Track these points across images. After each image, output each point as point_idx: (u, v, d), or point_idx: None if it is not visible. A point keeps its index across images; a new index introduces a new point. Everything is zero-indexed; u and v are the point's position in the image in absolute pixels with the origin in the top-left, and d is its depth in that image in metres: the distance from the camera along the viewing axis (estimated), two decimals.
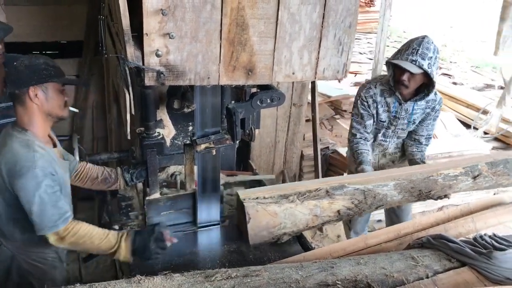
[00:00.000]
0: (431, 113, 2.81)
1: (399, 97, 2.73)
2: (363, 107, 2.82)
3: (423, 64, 2.49)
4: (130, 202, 2.63)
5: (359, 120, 2.86)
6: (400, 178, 2.16)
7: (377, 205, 2.10)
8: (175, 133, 2.64)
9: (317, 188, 1.99)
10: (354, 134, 2.89)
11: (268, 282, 1.48)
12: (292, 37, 1.64)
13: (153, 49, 1.52)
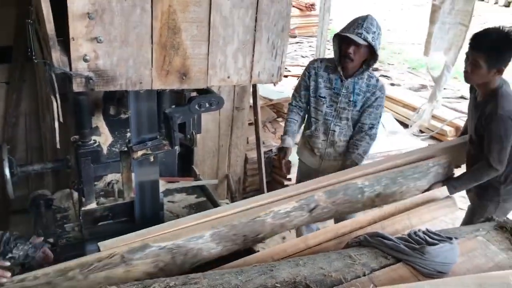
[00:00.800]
0: (371, 99, 2.87)
1: (341, 74, 2.85)
2: (303, 77, 3.01)
3: (367, 37, 2.64)
4: (65, 213, 2.54)
5: (297, 89, 3.08)
6: (219, 226, 1.87)
7: (191, 262, 1.81)
8: (112, 140, 2.57)
9: (110, 254, 1.65)
10: (290, 102, 3.12)
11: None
12: (226, 41, 1.63)
13: (80, 54, 1.46)
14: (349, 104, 2.87)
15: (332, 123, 2.93)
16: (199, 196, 2.72)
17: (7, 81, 3.59)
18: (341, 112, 2.90)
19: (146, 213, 2.24)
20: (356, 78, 2.83)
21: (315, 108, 2.97)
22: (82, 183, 2.21)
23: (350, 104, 2.87)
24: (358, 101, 2.87)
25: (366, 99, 2.87)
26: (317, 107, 2.95)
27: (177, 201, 2.67)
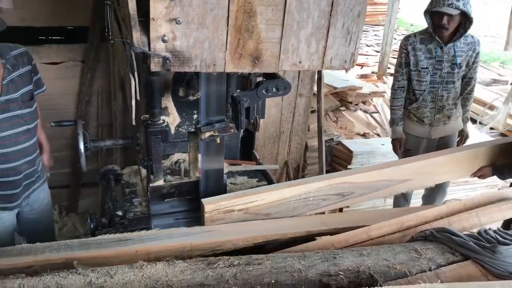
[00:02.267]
0: (473, 55, 3.20)
1: (439, 41, 3.10)
2: (401, 55, 3.24)
3: (459, 5, 2.88)
4: (133, 188, 2.63)
5: (398, 69, 3.30)
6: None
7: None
8: (180, 120, 2.63)
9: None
10: (393, 83, 3.35)
11: (271, 271, 1.48)
12: (300, 25, 1.62)
13: (159, 34, 1.50)
14: (453, 67, 3.14)
15: (439, 89, 3.21)
16: (260, 180, 2.75)
17: (82, 60, 3.79)
18: (446, 76, 3.17)
19: (210, 192, 2.29)
20: (454, 42, 3.08)
21: (418, 80, 3.22)
22: (151, 160, 2.28)
23: (455, 66, 3.13)
24: (462, 61, 3.15)
25: (469, 57, 3.17)
26: (420, 79, 3.21)
27: (239, 183, 2.70)
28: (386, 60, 7.30)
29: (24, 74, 2.35)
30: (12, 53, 2.30)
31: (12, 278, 1.39)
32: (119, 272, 1.45)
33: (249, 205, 2.00)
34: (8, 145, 2.32)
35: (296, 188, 2.08)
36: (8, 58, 2.27)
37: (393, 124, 3.42)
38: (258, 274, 1.46)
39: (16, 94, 2.30)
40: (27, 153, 2.43)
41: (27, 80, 2.37)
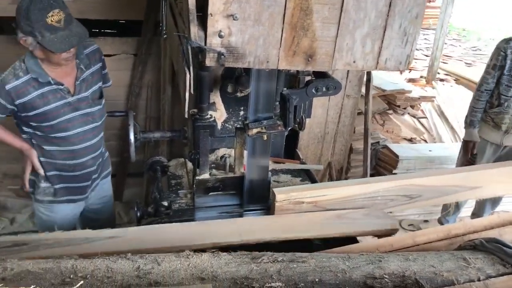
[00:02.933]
0: None
1: None
2: (497, 58, 3.19)
3: None
4: (179, 180, 2.69)
5: (490, 71, 3.25)
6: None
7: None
8: (227, 116, 2.67)
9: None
10: (481, 84, 3.31)
11: (315, 269, 1.48)
12: (356, 25, 1.61)
13: (216, 29, 1.53)
14: None
15: None
16: (304, 180, 2.74)
17: (135, 53, 3.89)
18: None
19: (254, 189, 2.31)
20: None
21: (508, 86, 3.19)
22: (198, 154, 2.32)
23: None
24: None
25: None
26: (510, 84, 3.18)
27: (282, 181, 2.71)
28: (436, 65, 7.12)
29: (95, 72, 2.42)
30: (86, 52, 2.36)
31: (66, 259, 1.45)
32: (166, 260, 1.49)
33: (318, 199, 2.07)
34: (76, 143, 2.41)
35: (365, 186, 2.14)
36: (82, 58, 2.32)
37: (471, 126, 3.40)
38: (302, 271, 1.47)
39: (87, 92, 2.37)
40: (94, 149, 2.53)
41: (97, 77, 2.44)
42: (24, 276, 1.37)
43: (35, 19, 1.95)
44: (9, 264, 1.40)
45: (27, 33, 2.00)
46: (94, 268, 1.42)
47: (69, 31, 2.04)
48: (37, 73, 2.15)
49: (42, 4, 1.96)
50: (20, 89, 2.13)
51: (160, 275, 1.42)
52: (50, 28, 1.98)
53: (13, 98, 2.15)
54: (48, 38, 1.99)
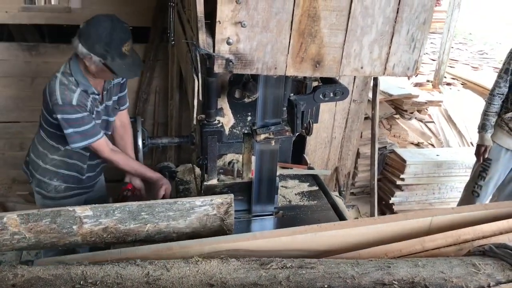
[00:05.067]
0: None
1: None
2: (509, 62, 3.21)
3: None
4: (187, 186, 2.70)
5: (502, 75, 3.27)
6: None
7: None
8: (234, 122, 2.67)
9: None
10: (493, 88, 3.33)
11: (324, 275, 1.48)
12: (364, 31, 1.61)
13: (224, 36, 1.54)
14: None
15: None
16: (312, 185, 2.75)
17: (143, 59, 3.92)
18: None
19: (262, 194, 2.32)
20: None
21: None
22: (206, 159, 2.33)
23: None
24: None
25: None
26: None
27: (290, 187, 2.72)
28: (442, 69, 7.10)
29: (116, 84, 2.60)
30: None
31: (76, 265, 1.46)
32: (175, 266, 1.49)
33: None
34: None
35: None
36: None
37: (483, 130, 3.41)
38: (311, 278, 1.47)
39: (110, 102, 2.56)
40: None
41: (117, 90, 2.63)
42: (35, 283, 1.38)
43: (115, 46, 2.18)
44: (20, 271, 1.42)
45: (97, 54, 2.19)
46: (104, 275, 1.43)
47: (133, 60, 2.29)
48: (84, 85, 2.32)
49: (122, 34, 2.23)
50: (81, 99, 2.30)
51: (170, 281, 1.43)
52: (122, 55, 2.21)
53: (85, 106, 2.31)
54: (117, 64, 2.21)
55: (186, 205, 1.85)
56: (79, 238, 1.79)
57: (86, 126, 2.33)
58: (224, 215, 1.91)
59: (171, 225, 1.85)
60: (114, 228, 1.79)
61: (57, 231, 1.78)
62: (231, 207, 1.91)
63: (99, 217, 1.76)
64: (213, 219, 1.90)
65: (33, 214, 1.74)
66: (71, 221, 1.76)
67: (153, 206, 1.81)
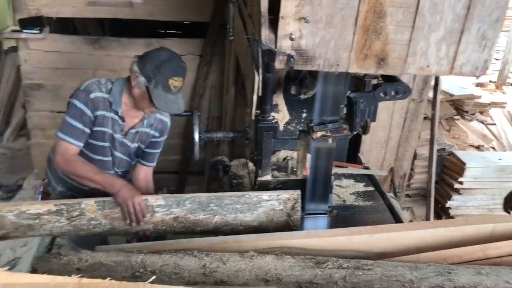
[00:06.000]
0: None
1: None
2: None
3: None
4: (241, 180, 2.72)
5: None
6: None
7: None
8: (289, 118, 2.66)
9: None
10: None
11: (381, 278, 1.45)
12: (431, 28, 1.56)
13: (287, 32, 1.53)
14: None
15: None
16: (367, 185, 2.70)
17: (200, 54, 3.97)
18: None
19: (316, 192, 2.30)
20: None
21: None
22: (260, 155, 2.34)
23: None
24: None
25: None
26: None
27: (345, 186, 2.68)
28: (507, 69, 6.75)
29: (150, 135, 2.42)
30: (158, 116, 2.40)
31: (136, 253, 1.50)
32: (231, 259, 1.51)
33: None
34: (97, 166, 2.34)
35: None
36: (152, 116, 2.36)
37: None
38: (368, 279, 1.44)
39: (132, 144, 2.38)
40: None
41: (146, 140, 2.44)
42: (97, 268, 1.44)
43: (163, 73, 2.09)
44: (84, 256, 1.48)
45: (144, 75, 2.11)
46: (162, 264, 1.47)
47: (176, 98, 2.17)
48: (114, 100, 2.22)
49: (176, 67, 2.12)
50: (98, 102, 2.19)
51: (226, 274, 1.44)
52: (166, 87, 2.11)
53: (95, 107, 2.20)
54: (158, 93, 2.10)
55: (254, 198, 1.88)
56: (151, 226, 1.87)
57: (75, 123, 2.17)
58: (290, 210, 1.92)
59: (238, 218, 1.89)
60: (184, 218, 1.85)
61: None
62: (297, 203, 1.92)
63: (170, 206, 1.83)
64: (280, 214, 1.92)
65: (109, 201, 1.83)
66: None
67: (221, 198, 1.85)
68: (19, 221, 1.81)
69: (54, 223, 1.84)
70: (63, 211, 1.84)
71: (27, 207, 1.83)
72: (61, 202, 1.85)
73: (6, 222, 1.81)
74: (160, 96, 2.10)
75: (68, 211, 1.84)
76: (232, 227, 1.90)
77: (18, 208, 1.81)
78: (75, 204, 1.83)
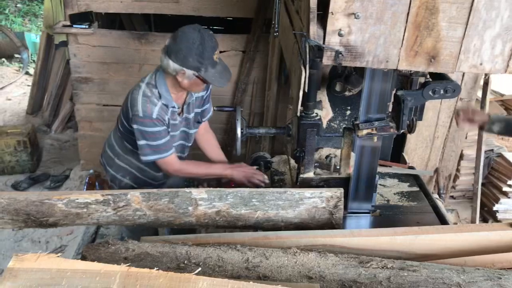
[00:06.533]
0: None
1: None
2: None
3: None
4: (282, 177, 2.72)
5: None
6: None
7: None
8: (332, 115, 2.64)
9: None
10: None
11: (427, 280, 1.41)
12: (486, 25, 1.50)
13: (336, 28, 1.51)
14: None
15: None
16: (412, 185, 2.64)
17: (243, 50, 3.99)
18: None
19: (359, 191, 2.27)
20: None
21: None
22: (303, 152, 2.32)
23: None
24: None
25: None
26: None
27: (389, 185, 2.63)
28: None
29: (199, 98, 2.59)
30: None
31: (181, 245, 1.53)
32: (273, 255, 1.51)
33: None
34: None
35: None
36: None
37: None
38: (413, 281, 1.41)
39: (190, 115, 2.57)
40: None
41: (199, 103, 2.62)
42: (144, 258, 1.47)
43: (208, 55, 2.18)
44: (131, 245, 1.52)
45: (191, 68, 2.20)
46: (206, 256, 1.49)
47: (222, 66, 2.29)
48: (166, 99, 2.34)
49: (212, 43, 2.20)
50: (161, 115, 2.32)
51: (268, 269, 1.45)
52: (214, 63, 2.22)
53: (163, 120, 2.34)
54: (211, 74, 2.22)
55: (296, 195, 1.88)
56: (194, 219, 1.90)
57: (160, 141, 2.33)
58: (333, 208, 1.90)
59: (280, 214, 1.89)
60: (226, 212, 1.86)
61: (174, 211, 1.89)
62: (340, 201, 1.90)
63: (213, 200, 1.85)
64: (322, 212, 1.91)
65: (153, 193, 1.87)
66: (187, 202, 1.87)
67: (264, 194, 1.86)
68: (68, 210, 1.87)
69: (101, 213, 1.89)
70: (110, 201, 1.88)
71: (76, 196, 1.88)
72: (107, 193, 1.90)
73: (56, 210, 1.86)
74: (214, 75, 2.22)
75: (115, 202, 1.88)
76: (274, 223, 1.91)
77: (67, 197, 1.87)
78: (121, 195, 1.87)
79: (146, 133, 2.31)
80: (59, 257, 1.09)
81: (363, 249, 1.76)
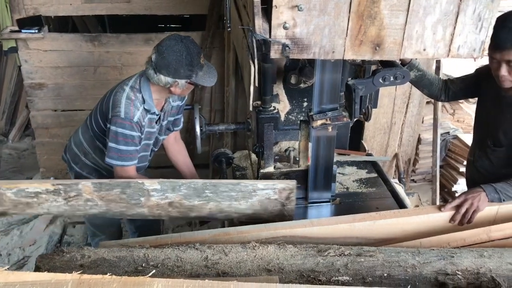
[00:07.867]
0: None
1: None
2: None
3: None
4: (243, 172, 2.72)
5: None
6: None
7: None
8: (290, 108, 2.65)
9: None
10: None
11: (383, 264, 1.45)
12: (427, 11, 1.54)
13: (280, 21, 1.52)
14: None
15: None
16: (370, 172, 2.69)
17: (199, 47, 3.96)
18: None
19: (318, 181, 2.29)
20: None
21: None
22: (263, 146, 2.33)
23: None
24: None
25: None
26: None
27: (348, 174, 2.67)
28: None
29: (175, 107, 2.62)
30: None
31: (138, 248, 1.51)
32: (233, 250, 1.51)
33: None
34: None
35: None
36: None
37: None
38: (370, 266, 1.44)
39: (164, 122, 2.57)
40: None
41: (175, 112, 2.64)
42: (100, 264, 1.45)
43: (196, 62, 2.25)
44: (87, 252, 1.49)
45: (184, 77, 2.25)
46: (164, 257, 1.47)
47: (207, 66, 2.37)
48: (149, 105, 2.35)
49: (196, 49, 2.28)
50: (141, 120, 2.32)
51: (228, 266, 1.45)
52: (201, 66, 2.30)
53: (141, 126, 2.34)
54: (200, 76, 2.30)
55: (249, 187, 1.89)
56: (146, 210, 1.89)
57: (130, 147, 2.31)
58: (285, 200, 1.92)
59: (233, 205, 1.90)
60: (179, 203, 1.86)
61: (126, 201, 1.88)
62: (292, 193, 1.92)
63: (165, 191, 1.84)
64: (274, 203, 1.92)
65: (105, 183, 1.85)
66: (139, 193, 1.86)
67: (217, 185, 1.86)
68: (18, 199, 1.84)
69: (52, 202, 1.87)
70: (60, 191, 1.86)
71: (26, 185, 1.85)
72: (58, 182, 1.87)
73: (5, 199, 1.84)
74: (203, 76, 2.31)
75: (66, 191, 1.86)
76: (226, 214, 1.93)
77: (17, 186, 1.84)
78: (72, 185, 1.85)
79: (120, 136, 2.28)
80: (6, 270, 1.06)
81: (324, 237, 1.78)
